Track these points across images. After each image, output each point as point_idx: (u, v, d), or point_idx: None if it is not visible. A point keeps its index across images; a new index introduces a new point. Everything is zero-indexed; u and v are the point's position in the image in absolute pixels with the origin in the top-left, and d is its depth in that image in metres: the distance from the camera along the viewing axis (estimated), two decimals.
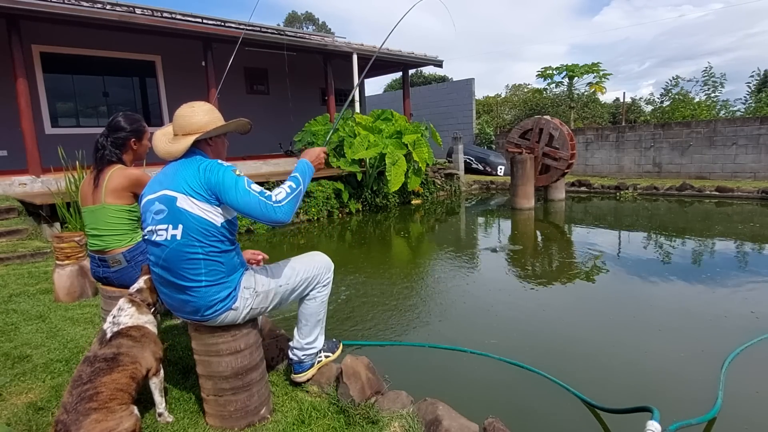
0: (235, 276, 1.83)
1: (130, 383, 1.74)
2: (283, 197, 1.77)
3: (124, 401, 1.69)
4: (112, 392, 1.66)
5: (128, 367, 1.76)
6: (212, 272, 1.76)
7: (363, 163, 9.50)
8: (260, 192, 1.74)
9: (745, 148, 11.10)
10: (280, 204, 1.74)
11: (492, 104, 22.03)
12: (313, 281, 2.10)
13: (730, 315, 3.60)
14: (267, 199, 1.73)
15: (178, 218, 1.72)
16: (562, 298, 4.18)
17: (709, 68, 16.43)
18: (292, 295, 2.04)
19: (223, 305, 1.78)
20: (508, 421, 1.93)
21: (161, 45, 9.66)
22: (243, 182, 1.74)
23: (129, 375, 1.75)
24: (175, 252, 1.73)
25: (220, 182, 1.72)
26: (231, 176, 1.74)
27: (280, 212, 1.74)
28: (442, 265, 5.49)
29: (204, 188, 1.73)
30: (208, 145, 1.89)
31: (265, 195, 1.74)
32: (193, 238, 1.72)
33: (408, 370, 2.88)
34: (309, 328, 2.16)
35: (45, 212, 5.71)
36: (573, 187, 11.56)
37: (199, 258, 1.73)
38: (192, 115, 1.84)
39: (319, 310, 2.16)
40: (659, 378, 2.72)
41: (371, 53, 10.97)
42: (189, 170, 1.76)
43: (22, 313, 3.28)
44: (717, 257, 5.45)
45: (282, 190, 1.79)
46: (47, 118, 8.77)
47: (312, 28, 33.08)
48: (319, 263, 2.15)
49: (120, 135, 2.33)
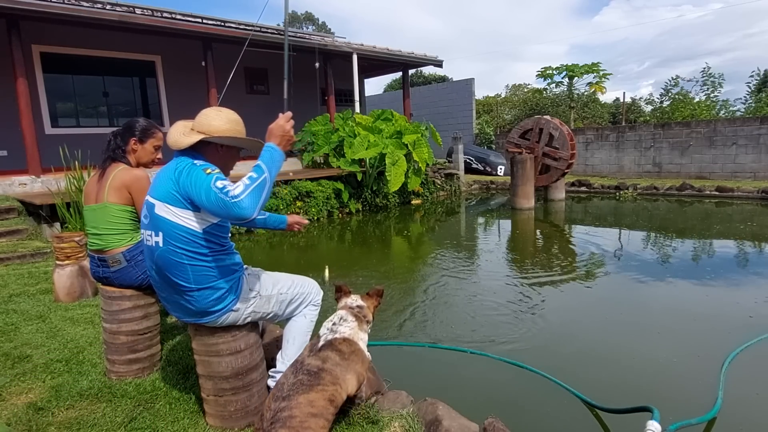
0: (229, 280, 1.78)
1: (327, 407, 1.63)
2: (241, 191, 1.55)
3: (319, 427, 1.57)
4: (305, 417, 1.56)
5: (328, 388, 1.66)
6: (202, 277, 1.71)
7: (363, 163, 9.50)
8: (221, 188, 1.57)
9: (745, 148, 11.10)
10: (237, 199, 1.53)
11: (492, 104, 22.03)
12: (307, 298, 2.06)
13: (730, 315, 3.60)
14: (225, 195, 1.55)
15: (158, 225, 1.69)
16: (562, 298, 4.18)
17: (707, 68, 16.47)
18: (289, 308, 2.00)
19: (218, 310, 1.76)
20: (508, 421, 1.93)
21: (161, 45, 9.66)
22: (210, 180, 1.60)
23: (327, 397, 1.64)
24: (161, 258, 1.71)
25: (190, 184, 1.63)
26: (200, 176, 1.63)
27: (238, 207, 1.53)
28: (442, 265, 5.49)
29: (179, 193, 1.66)
30: (216, 151, 1.83)
31: (224, 191, 1.57)
32: (174, 245, 1.67)
33: (408, 370, 2.88)
34: (295, 349, 2.02)
35: (45, 212, 5.71)
36: (573, 187, 11.56)
37: (184, 264, 1.69)
38: (215, 117, 1.80)
39: (308, 329, 2.09)
40: (659, 378, 2.72)
41: (371, 53, 10.98)
42: (168, 172, 1.71)
43: (22, 313, 3.28)
44: (717, 257, 5.45)
45: (240, 183, 1.58)
46: (47, 118, 8.77)
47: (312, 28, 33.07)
48: (313, 283, 2.12)
49: (126, 133, 2.33)
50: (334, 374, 1.70)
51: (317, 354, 1.75)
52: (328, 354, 1.74)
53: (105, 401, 2.10)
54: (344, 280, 4.78)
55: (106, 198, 2.22)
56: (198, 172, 1.65)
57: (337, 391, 1.69)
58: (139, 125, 2.35)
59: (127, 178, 2.22)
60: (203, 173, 1.64)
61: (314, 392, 1.62)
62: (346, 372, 1.75)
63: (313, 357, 1.74)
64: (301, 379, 1.66)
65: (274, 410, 1.59)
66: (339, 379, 1.71)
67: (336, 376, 1.70)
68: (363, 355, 1.87)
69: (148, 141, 2.36)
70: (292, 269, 2.18)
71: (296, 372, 1.69)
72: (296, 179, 8.52)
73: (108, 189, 2.22)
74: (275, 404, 1.60)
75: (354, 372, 1.79)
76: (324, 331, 1.85)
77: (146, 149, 2.36)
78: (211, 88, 8.60)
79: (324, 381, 1.67)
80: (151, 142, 2.37)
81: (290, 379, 1.67)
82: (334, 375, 1.70)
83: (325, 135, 9.99)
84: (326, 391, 1.65)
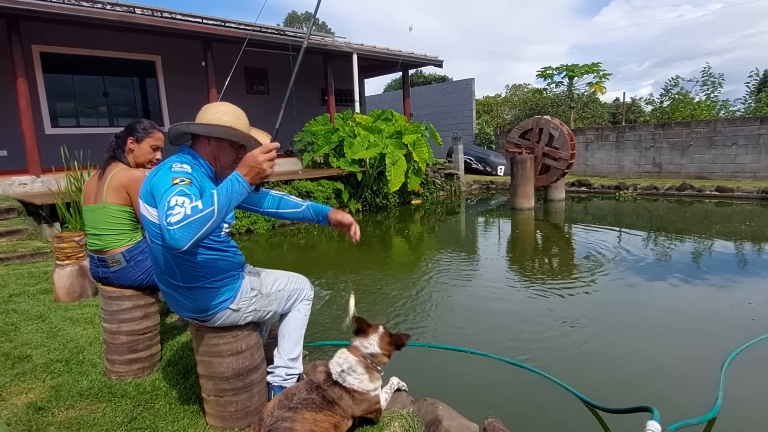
0: (222, 278, 1.76)
1: (329, 430, 1.66)
2: (178, 219, 1.37)
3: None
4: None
5: (336, 416, 1.70)
6: (189, 276, 1.70)
7: (363, 163, 9.50)
8: (170, 206, 1.40)
9: (745, 148, 11.10)
10: (171, 227, 1.36)
11: (492, 104, 22.03)
12: (301, 293, 2.07)
13: (730, 315, 3.60)
14: (165, 216, 1.39)
15: (144, 225, 1.72)
16: (561, 299, 4.18)
17: (707, 68, 16.47)
18: (287, 304, 2.01)
19: (212, 307, 1.75)
20: (508, 421, 1.93)
21: (161, 45, 9.66)
22: (168, 192, 1.45)
23: (333, 423, 1.68)
24: (152, 255, 1.74)
25: (154, 186, 1.58)
26: (165, 183, 1.51)
27: (169, 235, 1.36)
28: (441, 265, 5.48)
29: (151, 192, 1.63)
30: (204, 145, 1.77)
31: (168, 211, 1.40)
32: (157, 245, 1.68)
33: (408, 370, 2.88)
34: (292, 344, 2.05)
35: (45, 212, 5.71)
36: (573, 187, 11.56)
37: (170, 263, 1.69)
38: (205, 110, 1.77)
39: (303, 323, 2.09)
40: (659, 378, 2.72)
41: (371, 53, 10.97)
42: (152, 171, 1.70)
43: (22, 313, 3.27)
44: (717, 258, 5.45)
45: (183, 210, 1.39)
46: (47, 118, 8.77)
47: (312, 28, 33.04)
48: (305, 279, 2.12)
49: (126, 133, 2.33)
50: (345, 409, 1.75)
51: (332, 387, 1.76)
52: (342, 394, 1.77)
53: (105, 401, 2.10)
54: (344, 280, 4.80)
55: (105, 198, 2.21)
56: (166, 178, 1.54)
57: (344, 421, 1.74)
58: (139, 125, 2.35)
59: (125, 179, 2.22)
60: (169, 181, 1.51)
61: (322, 414, 1.66)
62: (358, 409, 1.80)
63: (329, 387, 1.75)
64: (313, 398, 1.69)
65: (277, 417, 1.60)
66: (348, 414, 1.76)
67: (346, 411, 1.75)
68: (375, 400, 1.87)
69: (145, 141, 2.35)
70: (292, 269, 2.18)
71: (310, 390, 1.71)
72: (296, 179, 8.52)
73: (106, 189, 2.21)
74: (279, 412, 1.61)
75: (364, 409, 1.83)
76: (335, 368, 1.80)
77: (143, 149, 2.35)
78: (211, 88, 8.60)
79: (335, 410, 1.72)
80: (147, 141, 2.35)
81: (302, 393, 1.69)
82: (346, 410, 1.75)
83: (325, 135, 9.99)
84: (333, 418, 1.70)
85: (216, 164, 1.80)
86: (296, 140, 10.54)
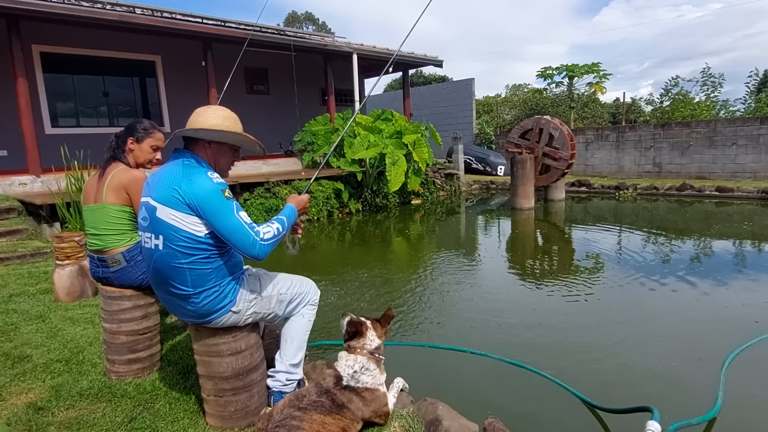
0: (228, 281, 1.77)
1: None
2: (270, 237, 1.74)
3: None
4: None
5: (345, 420, 1.72)
6: (200, 280, 1.70)
7: (363, 163, 9.50)
8: (249, 224, 1.69)
9: (745, 148, 11.10)
10: (265, 243, 1.71)
11: (492, 104, 22.05)
12: (305, 297, 2.05)
13: (730, 315, 3.60)
14: (255, 235, 1.69)
15: (158, 229, 1.68)
16: (561, 299, 4.18)
17: (707, 68, 16.48)
18: (288, 307, 2.00)
19: (216, 311, 1.75)
20: (508, 421, 1.93)
21: (161, 45, 9.66)
22: (233, 208, 1.67)
23: (341, 427, 1.70)
24: (160, 261, 1.70)
25: (206, 202, 1.64)
26: (220, 199, 1.66)
27: (262, 250, 1.70)
28: (441, 265, 5.49)
29: (185, 199, 1.64)
30: (204, 148, 1.79)
31: (255, 229, 1.70)
32: (174, 249, 1.66)
33: (408, 370, 2.88)
34: (294, 349, 2.04)
35: (45, 212, 5.71)
36: (573, 187, 11.57)
37: (183, 268, 1.68)
38: (200, 114, 1.78)
39: (306, 328, 2.08)
40: (659, 378, 2.72)
41: (371, 53, 10.97)
42: (171, 175, 1.69)
43: (22, 313, 3.27)
44: (717, 258, 5.45)
45: (270, 230, 1.75)
46: (47, 118, 8.77)
47: (312, 28, 33.06)
48: (311, 283, 2.11)
49: (126, 133, 2.33)
50: (354, 413, 1.77)
51: (342, 391, 1.78)
52: (352, 397, 1.79)
53: (105, 401, 2.10)
54: (344, 280, 4.80)
55: (105, 198, 2.21)
56: (217, 193, 1.66)
57: (353, 425, 1.76)
58: (140, 125, 2.36)
59: (125, 179, 2.22)
60: (222, 196, 1.66)
61: (331, 417, 1.68)
62: (366, 411, 1.81)
63: (340, 392, 1.77)
64: (323, 401, 1.71)
65: (286, 415, 1.62)
66: (357, 417, 1.78)
67: (356, 415, 1.77)
68: (383, 398, 1.89)
69: (145, 141, 2.35)
70: (292, 270, 2.18)
71: (320, 394, 1.73)
72: (296, 179, 8.52)
73: (106, 189, 2.21)
74: (289, 410, 1.64)
75: (372, 411, 1.84)
76: (345, 371, 1.82)
77: (143, 149, 2.35)
78: (211, 88, 8.61)
79: (344, 414, 1.74)
80: (148, 141, 2.36)
81: (313, 396, 1.72)
82: (355, 414, 1.77)
83: (325, 135, 9.99)
84: (342, 422, 1.71)
85: (215, 167, 1.82)
86: (296, 140, 10.54)
